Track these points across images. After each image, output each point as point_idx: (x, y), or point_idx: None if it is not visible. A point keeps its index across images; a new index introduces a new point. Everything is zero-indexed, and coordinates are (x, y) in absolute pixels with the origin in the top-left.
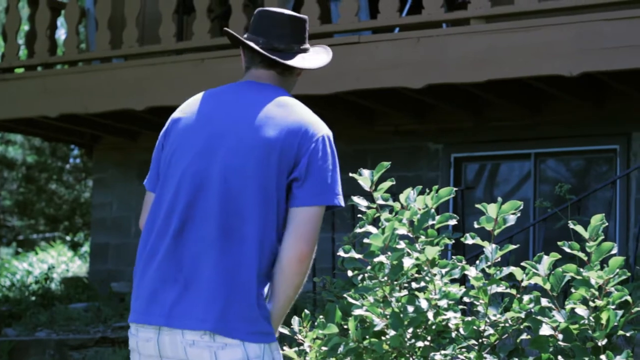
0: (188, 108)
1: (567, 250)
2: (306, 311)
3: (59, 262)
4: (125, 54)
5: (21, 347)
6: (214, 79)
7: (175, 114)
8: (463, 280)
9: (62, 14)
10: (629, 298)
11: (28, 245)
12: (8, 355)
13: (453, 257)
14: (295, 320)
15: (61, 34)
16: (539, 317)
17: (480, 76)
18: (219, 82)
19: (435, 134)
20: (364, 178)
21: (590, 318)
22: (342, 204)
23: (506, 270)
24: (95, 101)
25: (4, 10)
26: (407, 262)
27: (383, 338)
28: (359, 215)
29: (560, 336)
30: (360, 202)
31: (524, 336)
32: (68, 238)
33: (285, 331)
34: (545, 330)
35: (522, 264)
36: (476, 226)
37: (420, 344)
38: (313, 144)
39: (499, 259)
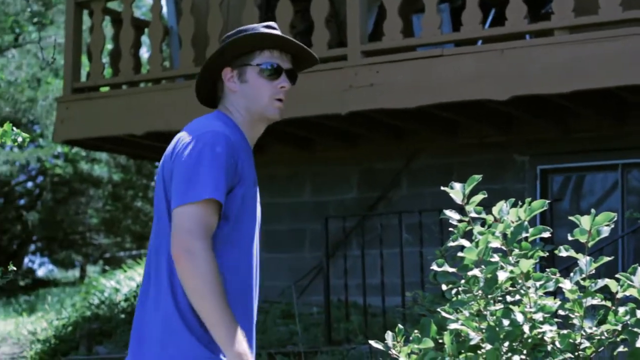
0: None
1: None
2: (400, 326)
3: None
4: None
5: None
6: (299, 94)
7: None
8: (556, 293)
9: (146, 32)
10: None
11: (115, 263)
12: None
13: (546, 269)
14: (388, 335)
15: (145, 52)
16: (635, 329)
17: (566, 87)
18: (303, 98)
19: (521, 145)
20: (456, 191)
21: None
22: (207, 195)
23: (601, 283)
24: (179, 118)
25: (88, 29)
26: (502, 276)
27: (479, 352)
28: (450, 229)
29: None
30: (453, 215)
31: (620, 349)
32: None
33: (379, 346)
34: None
35: (617, 275)
36: (570, 238)
37: (516, 357)
38: (180, 148)
39: (593, 271)
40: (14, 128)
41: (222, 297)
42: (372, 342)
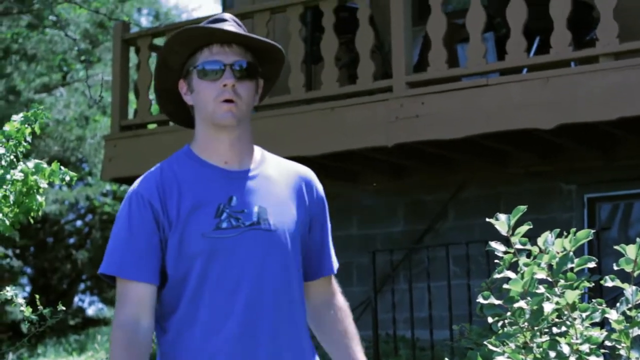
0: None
1: None
2: (447, 359)
3: None
4: (255, 105)
5: None
6: (344, 127)
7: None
8: (603, 323)
9: None
10: None
11: None
12: None
13: (592, 300)
14: None
15: None
16: None
17: (612, 114)
18: (349, 131)
19: (567, 174)
20: (501, 223)
21: None
22: (107, 271)
23: None
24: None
25: (135, 66)
26: (548, 307)
27: None
28: (496, 261)
29: None
30: (498, 247)
31: None
32: None
33: None
34: None
35: None
36: (615, 268)
37: None
38: None
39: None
40: (62, 167)
41: None
42: None
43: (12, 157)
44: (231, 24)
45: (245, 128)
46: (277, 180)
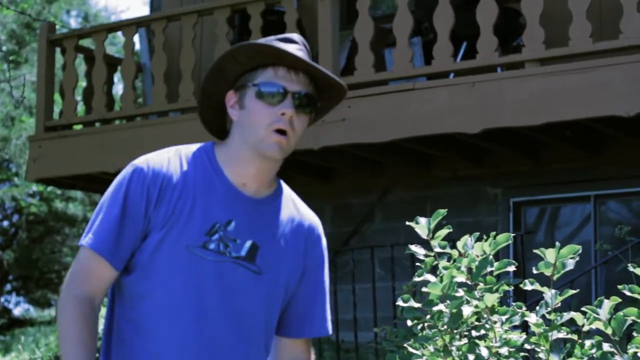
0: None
1: (628, 293)
2: None
3: None
4: (182, 107)
5: None
6: None
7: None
8: (526, 327)
9: (119, 70)
10: None
11: None
12: None
13: (513, 303)
14: None
15: (118, 89)
16: None
17: (537, 119)
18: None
19: (494, 178)
20: (421, 226)
21: None
22: (84, 242)
23: (567, 316)
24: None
25: (61, 67)
26: (467, 310)
27: None
28: (417, 264)
29: None
30: (418, 250)
31: None
32: None
33: None
34: None
35: (583, 308)
36: (535, 272)
37: None
38: None
39: (559, 304)
40: None
41: (71, 349)
42: None
43: None
44: (300, 48)
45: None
46: (283, 220)
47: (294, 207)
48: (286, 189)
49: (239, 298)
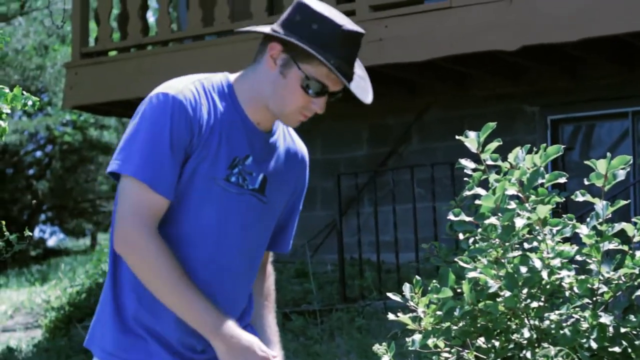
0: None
1: None
2: (417, 277)
3: None
4: (217, 30)
5: None
6: None
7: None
8: (576, 239)
9: None
10: None
11: None
12: None
13: (564, 215)
14: (406, 287)
15: (152, 15)
16: None
17: (574, 35)
18: None
19: (531, 96)
20: (471, 140)
21: None
22: (120, 169)
23: (618, 227)
24: None
25: None
26: (519, 222)
27: (498, 300)
28: (465, 179)
29: None
30: (468, 164)
31: (638, 293)
32: None
33: (397, 298)
34: None
35: (634, 219)
36: (586, 183)
37: (535, 304)
38: (138, 109)
39: (610, 216)
40: (24, 92)
41: (180, 287)
42: (390, 295)
43: None
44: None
45: None
46: (282, 152)
47: (290, 137)
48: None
49: (252, 228)
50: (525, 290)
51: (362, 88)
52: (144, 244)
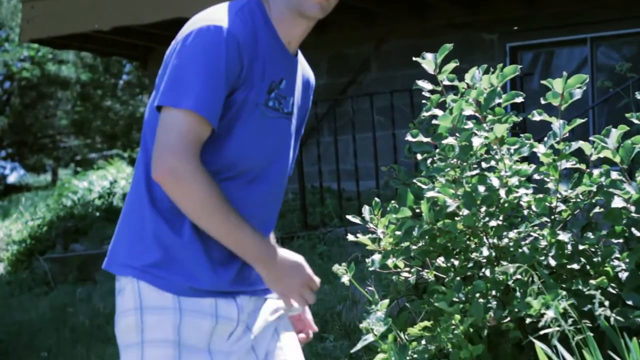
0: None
1: (636, 121)
2: (376, 199)
3: (119, 178)
4: None
5: (89, 260)
6: None
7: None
8: (535, 161)
9: None
10: None
11: (86, 165)
12: (77, 269)
13: (522, 135)
14: (365, 210)
15: None
16: (610, 190)
17: None
18: None
19: (489, 24)
20: (428, 61)
21: None
22: (176, 104)
23: (575, 145)
24: (146, 12)
25: None
26: (477, 142)
27: (456, 219)
28: (423, 101)
29: (632, 208)
30: (425, 85)
31: (596, 209)
32: (126, 155)
33: (357, 220)
34: (617, 202)
35: (591, 138)
36: (542, 102)
37: (493, 223)
38: (181, 41)
39: (567, 135)
40: None
41: (226, 216)
42: (349, 217)
43: None
44: None
45: None
46: (301, 77)
47: (304, 62)
48: None
49: (288, 150)
50: (483, 209)
51: None
52: (193, 175)
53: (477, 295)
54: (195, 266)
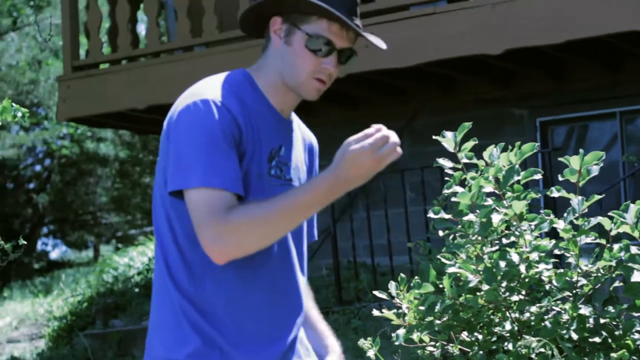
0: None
1: None
2: (402, 275)
3: None
4: (206, 41)
5: (129, 336)
6: None
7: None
8: (556, 236)
9: (141, 8)
10: None
11: (127, 241)
12: (117, 345)
13: (542, 211)
14: (391, 285)
15: (142, 28)
16: (629, 265)
17: (558, 37)
18: None
19: (519, 99)
20: (448, 140)
21: None
22: (185, 185)
23: (594, 221)
24: (180, 90)
25: (84, 8)
26: (496, 218)
27: (478, 294)
28: (446, 178)
29: None
30: (445, 163)
31: (616, 284)
32: None
33: (383, 296)
34: (637, 276)
35: (610, 213)
36: (560, 179)
37: (515, 297)
38: (173, 123)
39: (586, 210)
40: (13, 104)
41: (278, 213)
42: (376, 293)
43: None
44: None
45: None
46: (300, 141)
47: (302, 125)
48: None
49: None
50: (504, 284)
51: (373, 36)
52: (233, 226)
53: None
54: (235, 350)
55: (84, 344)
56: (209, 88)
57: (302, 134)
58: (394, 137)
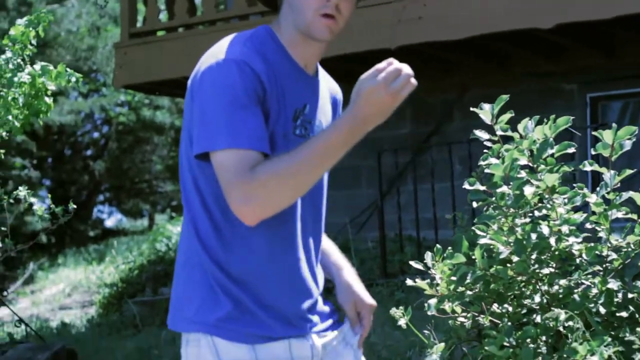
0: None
1: None
2: (438, 245)
3: None
4: (262, 10)
5: None
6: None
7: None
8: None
9: None
10: None
11: (181, 211)
12: (165, 312)
13: (575, 185)
14: (427, 255)
15: None
16: None
17: (608, 12)
18: (352, 33)
19: (570, 74)
20: (485, 112)
21: None
22: (211, 148)
23: (625, 195)
24: None
25: None
26: (528, 190)
27: (508, 265)
28: (485, 151)
29: None
30: (482, 135)
31: None
32: None
33: (419, 266)
34: None
35: None
36: (593, 153)
37: (545, 270)
38: (197, 83)
39: (619, 185)
40: (68, 69)
41: (304, 163)
42: (412, 263)
43: (19, 60)
44: None
45: None
46: (326, 95)
47: (326, 78)
48: None
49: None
50: (534, 256)
51: None
52: (260, 183)
53: (528, 340)
54: (265, 313)
55: (133, 311)
56: (233, 46)
57: (328, 90)
58: (406, 69)
